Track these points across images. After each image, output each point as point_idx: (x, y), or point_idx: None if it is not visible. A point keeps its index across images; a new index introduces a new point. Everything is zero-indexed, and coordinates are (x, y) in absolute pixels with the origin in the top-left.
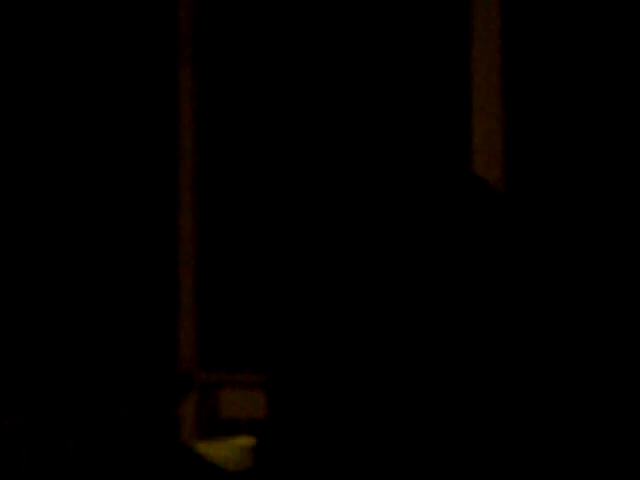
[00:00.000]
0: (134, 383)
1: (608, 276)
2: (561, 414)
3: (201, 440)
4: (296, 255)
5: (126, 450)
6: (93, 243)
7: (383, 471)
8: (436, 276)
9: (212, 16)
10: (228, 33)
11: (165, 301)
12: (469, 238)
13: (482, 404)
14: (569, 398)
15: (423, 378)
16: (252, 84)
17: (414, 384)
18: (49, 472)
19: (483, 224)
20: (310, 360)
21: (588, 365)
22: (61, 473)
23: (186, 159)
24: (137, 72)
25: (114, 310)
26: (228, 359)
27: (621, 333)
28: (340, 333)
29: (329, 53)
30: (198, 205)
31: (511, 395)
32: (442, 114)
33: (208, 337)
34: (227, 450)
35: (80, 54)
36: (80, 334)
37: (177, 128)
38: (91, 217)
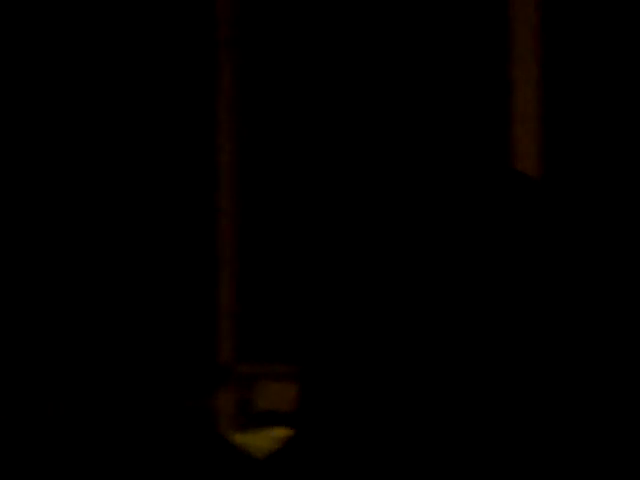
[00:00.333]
0: (173, 375)
1: None
2: (587, 413)
3: (238, 431)
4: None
5: (164, 441)
6: (134, 236)
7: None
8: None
9: (252, 15)
10: (269, 33)
11: (204, 293)
12: (508, 231)
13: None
14: (600, 396)
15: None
16: (291, 81)
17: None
18: (88, 464)
19: (522, 217)
20: (342, 354)
21: (623, 363)
22: (100, 464)
23: (226, 155)
24: (176, 73)
25: (154, 302)
26: (265, 351)
27: None
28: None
29: (369, 54)
30: (238, 197)
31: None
32: (481, 107)
33: (246, 329)
34: (264, 441)
35: (122, 51)
36: (120, 326)
37: (216, 126)
38: (132, 211)
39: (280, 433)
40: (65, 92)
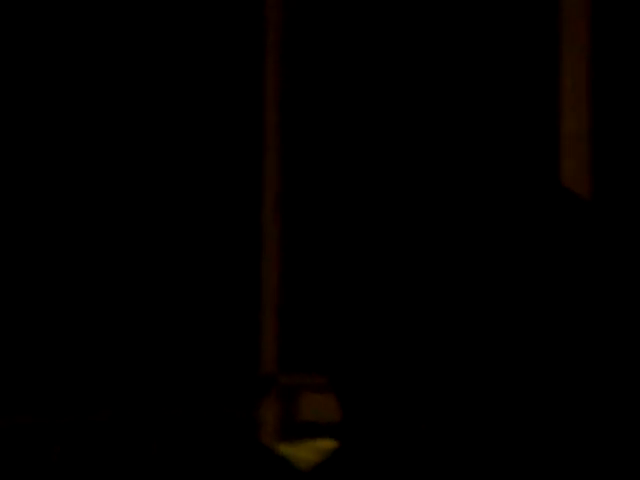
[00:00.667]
0: (216, 385)
1: None
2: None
3: (281, 442)
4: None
5: (208, 451)
6: (179, 245)
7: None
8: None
9: (300, 14)
10: (316, 30)
11: (248, 304)
12: (557, 248)
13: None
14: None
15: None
16: (339, 83)
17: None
18: (134, 473)
19: (571, 234)
20: (375, 362)
21: None
22: (146, 474)
23: (271, 159)
24: (223, 71)
25: (198, 312)
26: (309, 362)
27: None
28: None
29: (418, 58)
30: (282, 209)
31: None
32: (530, 123)
33: (289, 340)
34: (308, 453)
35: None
36: (165, 336)
37: (262, 131)
38: (177, 220)
39: (324, 445)
40: (115, 94)
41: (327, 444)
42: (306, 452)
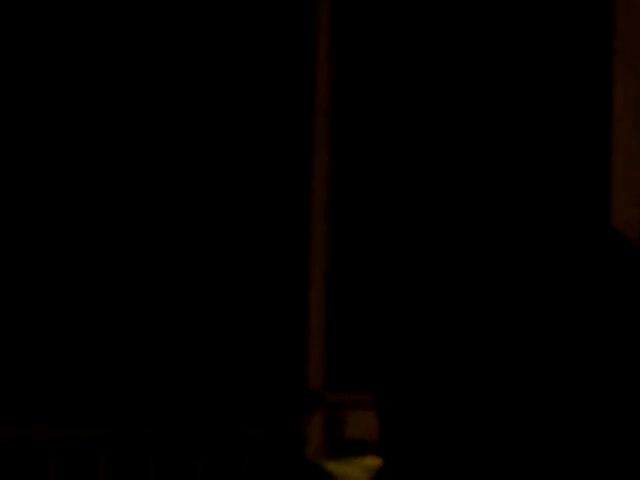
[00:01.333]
0: (263, 401)
1: None
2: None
3: (327, 460)
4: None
5: (255, 468)
6: (229, 255)
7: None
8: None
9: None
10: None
11: (295, 320)
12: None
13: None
14: None
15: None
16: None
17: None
18: None
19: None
20: (415, 379)
21: None
22: None
23: (320, 170)
24: (275, 73)
25: (245, 327)
26: (356, 380)
27: None
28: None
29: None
30: (331, 223)
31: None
32: (582, 167)
33: (336, 357)
34: (356, 470)
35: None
36: (212, 351)
37: (312, 142)
38: (224, 239)
39: (371, 462)
40: (157, 97)
41: (373, 462)
42: (353, 470)
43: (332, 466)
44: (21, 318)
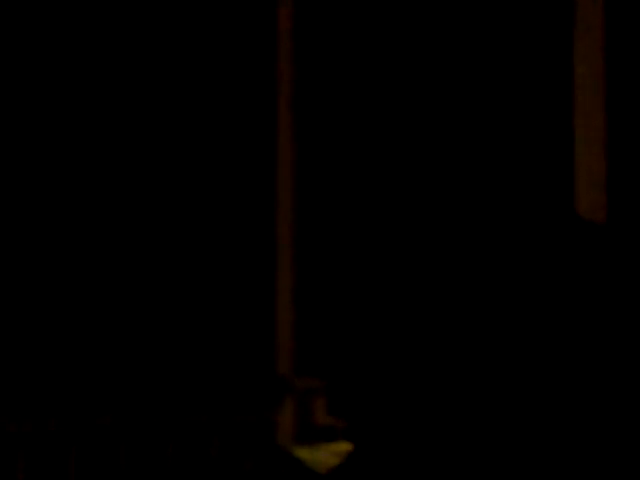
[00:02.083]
0: (232, 387)
1: None
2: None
3: (297, 445)
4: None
5: (225, 454)
6: (196, 246)
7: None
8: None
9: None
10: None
11: (263, 308)
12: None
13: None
14: None
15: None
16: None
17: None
18: (149, 476)
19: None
20: (380, 368)
21: None
22: (161, 477)
23: (286, 168)
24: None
25: (213, 315)
26: (324, 366)
27: None
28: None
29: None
30: (297, 208)
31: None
32: (546, 154)
33: (305, 344)
34: (326, 456)
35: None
36: (182, 340)
37: (276, 131)
38: (196, 223)
39: (340, 448)
40: (128, 97)
41: (342, 447)
42: (323, 455)
43: (302, 452)
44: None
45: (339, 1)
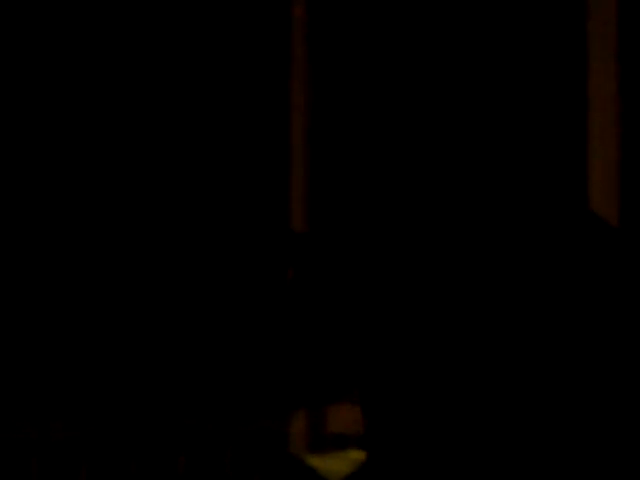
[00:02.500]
0: (246, 397)
1: None
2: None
3: (310, 454)
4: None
5: (238, 464)
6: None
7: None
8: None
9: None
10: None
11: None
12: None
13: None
14: None
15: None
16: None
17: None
18: None
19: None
20: (399, 379)
21: None
22: None
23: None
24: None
25: (222, 323)
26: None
27: None
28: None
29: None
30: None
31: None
32: (559, 151)
33: None
34: (338, 464)
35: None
36: (193, 349)
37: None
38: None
39: (353, 456)
40: (139, 97)
41: (356, 455)
42: (336, 464)
43: (315, 460)
44: (3, 318)
45: None
